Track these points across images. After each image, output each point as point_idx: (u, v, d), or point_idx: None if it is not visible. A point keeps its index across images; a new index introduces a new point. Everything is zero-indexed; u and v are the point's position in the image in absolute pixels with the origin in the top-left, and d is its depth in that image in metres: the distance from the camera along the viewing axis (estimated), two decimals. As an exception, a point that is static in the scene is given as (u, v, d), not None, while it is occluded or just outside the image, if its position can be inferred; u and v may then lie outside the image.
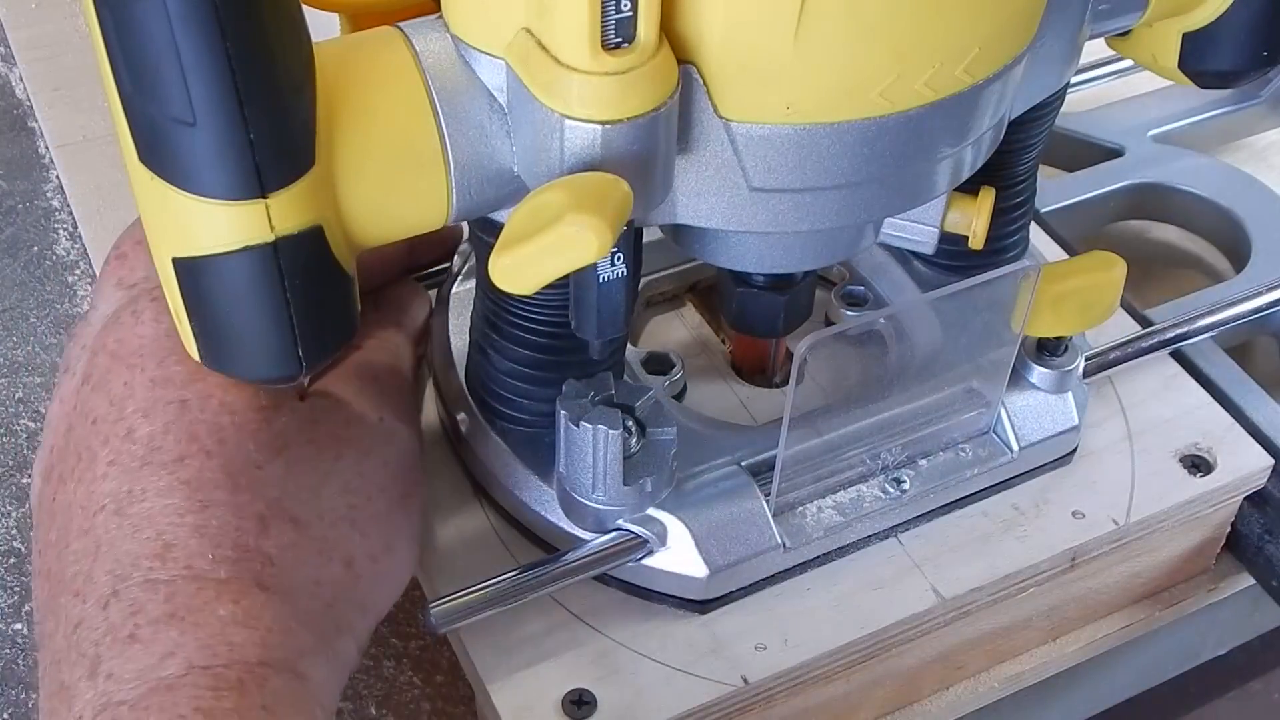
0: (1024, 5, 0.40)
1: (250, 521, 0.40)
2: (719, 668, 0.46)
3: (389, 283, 0.51)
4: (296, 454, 0.42)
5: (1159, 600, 0.55)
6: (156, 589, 0.38)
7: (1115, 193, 0.67)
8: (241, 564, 0.39)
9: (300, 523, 0.41)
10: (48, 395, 0.61)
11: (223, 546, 0.39)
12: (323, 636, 0.41)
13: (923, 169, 0.41)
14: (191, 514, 0.39)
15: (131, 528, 0.39)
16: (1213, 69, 0.48)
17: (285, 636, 0.39)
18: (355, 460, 0.43)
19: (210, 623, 0.38)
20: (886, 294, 0.56)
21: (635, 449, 0.45)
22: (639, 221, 0.40)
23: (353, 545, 0.42)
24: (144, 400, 0.41)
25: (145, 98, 0.34)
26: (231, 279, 0.37)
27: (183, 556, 0.39)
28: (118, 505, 0.39)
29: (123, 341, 0.42)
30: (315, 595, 0.41)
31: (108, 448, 0.40)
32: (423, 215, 0.40)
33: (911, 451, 0.49)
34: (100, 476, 0.40)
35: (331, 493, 0.42)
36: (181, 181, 0.35)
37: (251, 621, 0.39)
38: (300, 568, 0.41)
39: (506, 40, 0.37)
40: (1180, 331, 0.54)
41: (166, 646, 0.37)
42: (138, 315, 0.42)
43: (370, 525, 0.43)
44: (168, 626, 0.38)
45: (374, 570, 0.43)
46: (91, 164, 0.68)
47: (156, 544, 0.39)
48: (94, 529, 0.39)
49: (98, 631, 0.38)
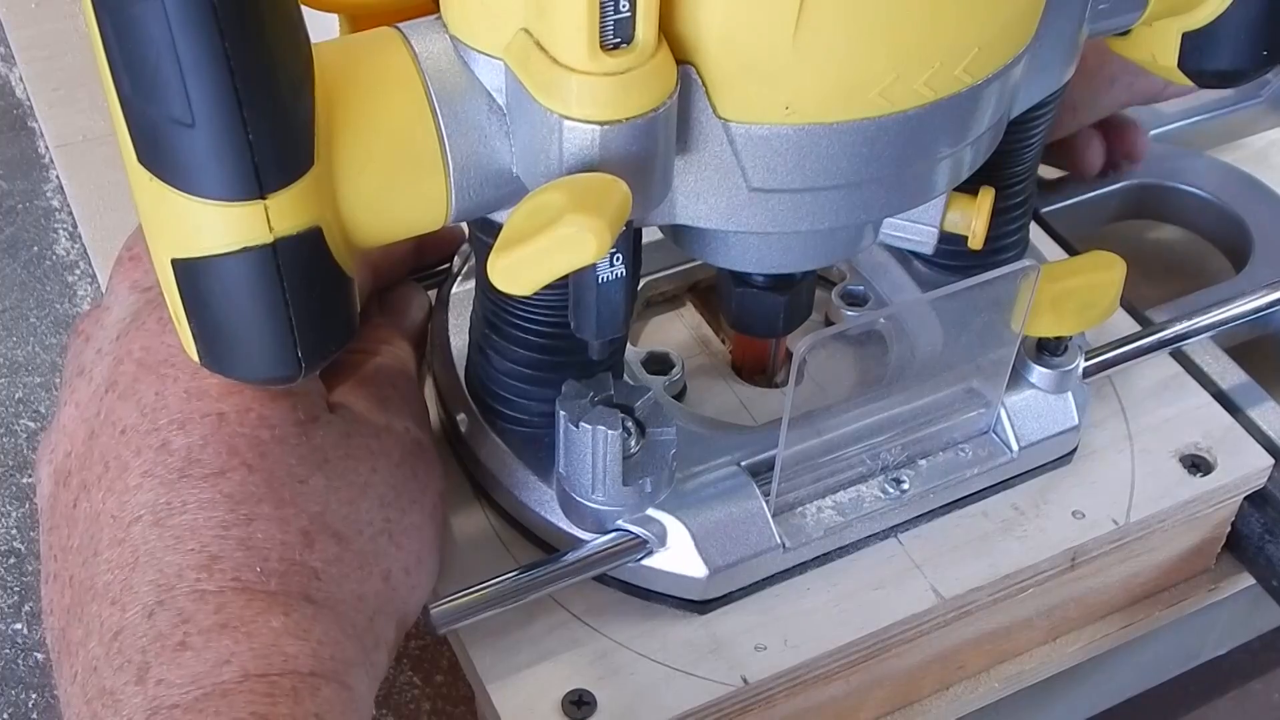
0: (1023, 5, 0.40)
1: (295, 536, 0.40)
2: (719, 668, 0.46)
3: (396, 284, 0.51)
4: (336, 468, 0.42)
5: (1159, 600, 0.55)
6: (205, 599, 0.38)
7: (1115, 192, 0.67)
8: (289, 577, 0.40)
9: (342, 537, 0.41)
10: (48, 395, 0.61)
11: (270, 560, 0.40)
12: (364, 649, 0.41)
13: (922, 169, 0.41)
14: (236, 527, 0.39)
15: (173, 539, 0.39)
16: (1212, 68, 0.48)
17: (333, 649, 0.39)
18: (388, 472, 0.44)
19: (263, 633, 0.38)
20: (886, 294, 0.56)
21: (635, 449, 0.45)
22: (638, 222, 0.40)
23: (389, 559, 0.43)
24: (179, 412, 0.41)
25: (144, 99, 0.34)
26: (230, 280, 0.37)
27: (230, 569, 0.39)
28: (156, 517, 0.40)
29: (150, 349, 0.42)
30: (358, 609, 0.41)
31: (141, 458, 0.40)
32: (422, 216, 0.40)
33: (911, 451, 0.49)
34: (134, 487, 0.40)
35: (369, 506, 0.43)
36: (180, 182, 0.35)
37: (302, 634, 0.39)
38: (344, 582, 0.41)
39: (505, 41, 0.37)
40: (1180, 331, 0.54)
41: (221, 654, 0.38)
42: (163, 323, 0.42)
43: (404, 538, 0.43)
44: (220, 635, 0.38)
45: (407, 583, 0.43)
46: (91, 164, 0.68)
47: (201, 556, 0.39)
48: (129, 539, 0.39)
49: (144, 639, 0.38)
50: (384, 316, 0.50)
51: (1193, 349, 0.56)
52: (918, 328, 0.53)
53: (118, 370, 0.42)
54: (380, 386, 0.46)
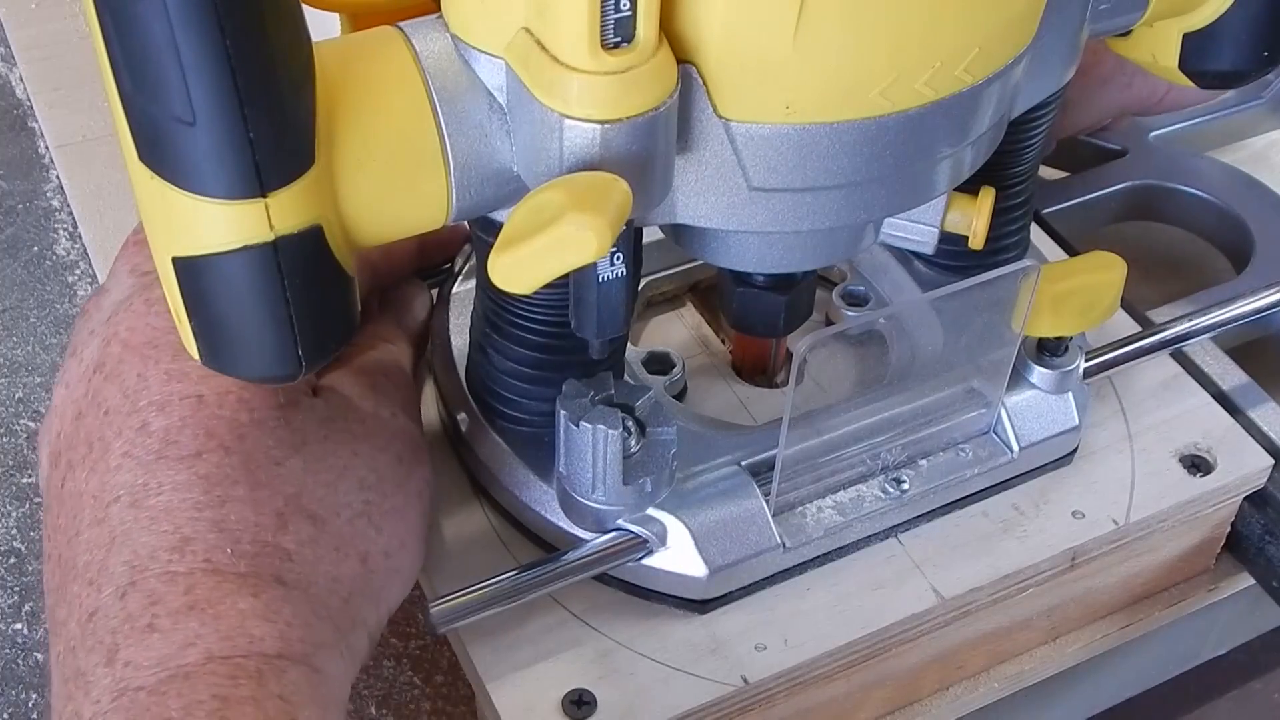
0: (1024, 5, 0.40)
1: (269, 517, 0.40)
2: (719, 668, 0.46)
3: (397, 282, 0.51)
4: (314, 451, 0.42)
5: (1159, 600, 0.55)
6: (175, 581, 0.39)
7: (1116, 193, 0.67)
8: (261, 559, 0.40)
9: (318, 519, 0.41)
10: (48, 395, 0.61)
11: (242, 542, 0.40)
12: (338, 631, 0.41)
13: (923, 169, 0.41)
14: (210, 509, 0.40)
15: (148, 520, 0.39)
16: (1213, 69, 0.48)
17: (304, 631, 0.39)
18: (370, 456, 0.44)
19: (230, 615, 0.38)
20: (887, 294, 0.56)
21: (635, 449, 0.45)
22: (639, 221, 0.40)
23: (368, 541, 0.43)
24: (159, 394, 0.41)
25: (145, 97, 0.34)
26: (231, 278, 0.37)
27: (201, 550, 0.39)
28: (133, 497, 0.40)
29: (135, 330, 0.42)
30: (332, 591, 0.41)
31: (121, 439, 0.41)
32: (422, 215, 0.40)
33: (912, 451, 0.49)
34: (114, 468, 0.40)
35: (348, 489, 0.43)
36: (181, 181, 0.35)
37: (271, 615, 0.39)
38: (318, 564, 0.41)
39: (506, 40, 0.37)
40: (1181, 332, 0.54)
41: (186, 637, 0.38)
42: (150, 304, 0.42)
43: (384, 521, 0.43)
44: (187, 618, 0.38)
45: (387, 566, 0.43)
46: (91, 164, 0.68)
47: (174, 537, 0.39)
48: (108, 519, 0.40)
49: (115, 620, 0.38)
50: (385, 314, 0.50)
51: (1193, 349, 0.56)
52: (918, 328, 0.53)
53: (105, 351, 0.42)
54: (371, 374, 0.46)
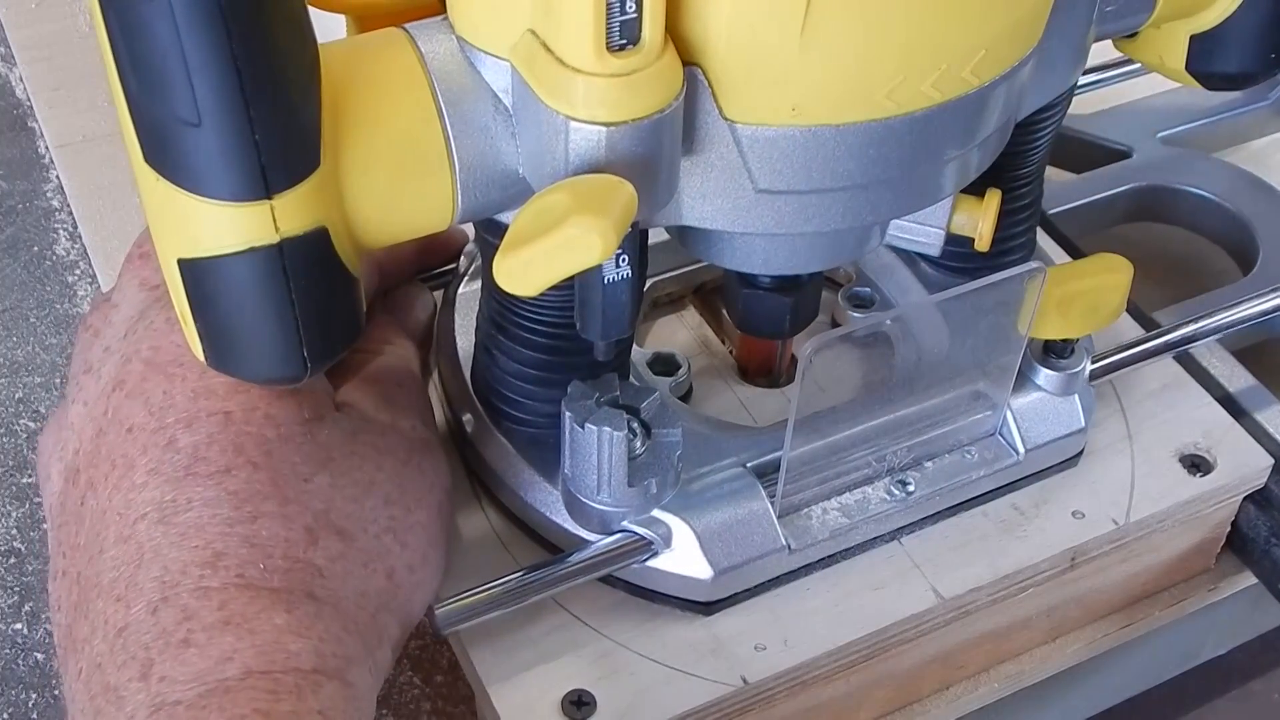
0: (1031, 7, 0.40)
1: (299, 533, 0.40)
2: (719, 668, 0.46)
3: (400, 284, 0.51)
4: (340, 466, 0.42)
5: (1159, 600, 0.55)
6: (209, 596, 0.38)
7: (1122, 194, 0.67)
8: (293, 574, 0.40)
9: (346, 535, 0.41)
10: (48, 395, 0.61)
11: (273, 557, 0.40)
12: (367, 646, 0.41)
13: (929, 171, 0.41)
14: (241, 524, 0.40)
15: (178, 535, 0.39)
16: (1220, 71, 0.48)
17: (336, 646, 0.40)
18: (394, 471, 0.44)
19: (266, 630, 0.38)
20: (893, 295, 0.56)
21: (640, 450, 0.45)
22: (644, 223, 0.40)
23: (394, 556, 0.43)
24: (185, 411, 0.41)
25: (151, 99, 0.34)
26: (236, 280, 0.37)
27: (234, 565, 0.39)
28: (161, 514, 0.40)
29: (158, 349, 0.42)
30: (361, 606, 0.41)
31: (147, 456, 0.40)
32: (428, 217, 0.40)
33: (917, 454, 0.49)
34: (140, 485, 0.40)
35: (374, 504, 0.43)
36: (187, 182, 0.35)
37: (305, 631, 0.39)
38: (348, 579, 0.41)
39: (511, 42, 0.37)
40: (1187, 334, 0.54)
41: (223, 651, 0.38)
42: (171, 322, 0.42)
43: (408, 536, 0.43)
44: (223, 633, 0.38)
45: (411, 580, 0.43)
46: (91, 164, 0.68)
47: (206, 553, 0.39)
48: (135, 536, 0.40)
49: (148, 635, 0.38)
50: (388, 315, 0.50)
51: (1199, 351, 0.56)
52: (924, 330, 0.52)
53: (125, 369, 0.42)
54: (385, 385, 0.46)
